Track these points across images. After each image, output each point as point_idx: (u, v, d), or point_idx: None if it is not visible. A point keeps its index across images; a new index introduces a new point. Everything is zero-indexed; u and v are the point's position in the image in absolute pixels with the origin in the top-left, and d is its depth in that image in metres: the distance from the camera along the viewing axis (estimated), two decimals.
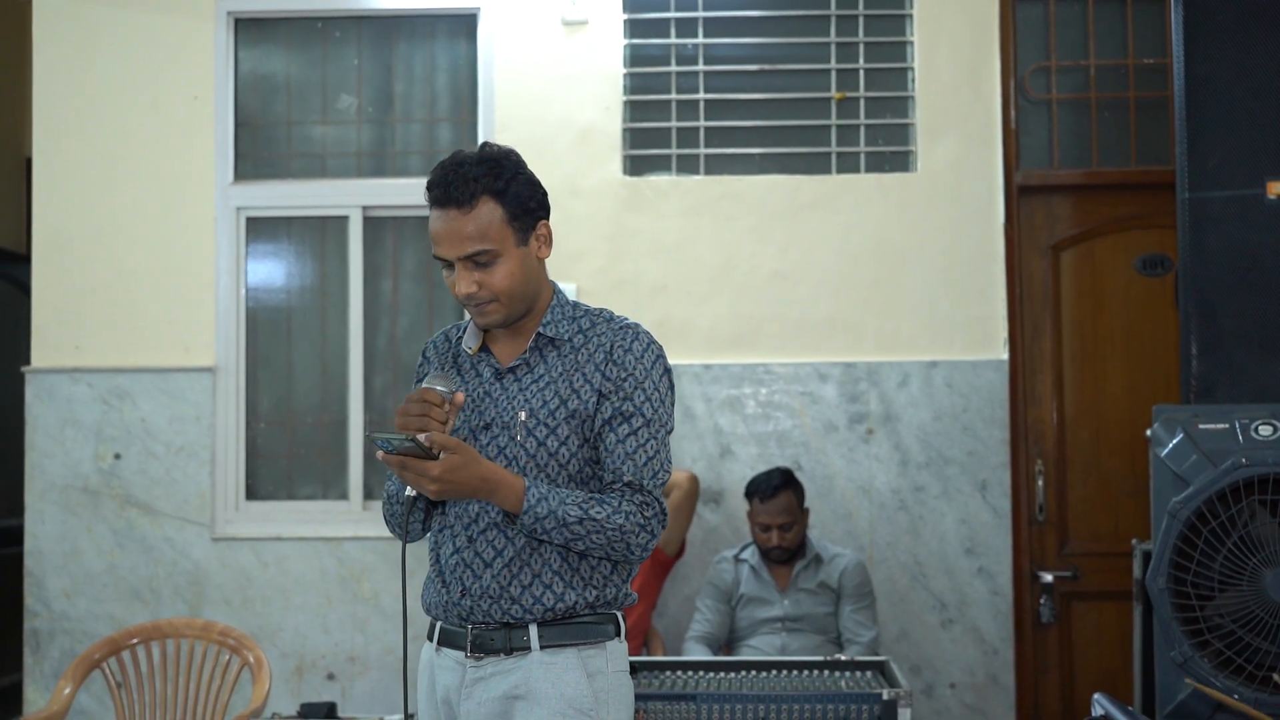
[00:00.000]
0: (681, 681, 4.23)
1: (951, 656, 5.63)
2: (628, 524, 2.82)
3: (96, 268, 5.85)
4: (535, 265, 2.94)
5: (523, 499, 2.78)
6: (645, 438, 2.88)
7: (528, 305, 2.94)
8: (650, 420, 2.89)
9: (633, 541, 2.84)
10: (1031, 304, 5.80)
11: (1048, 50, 5.84)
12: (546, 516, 2.78)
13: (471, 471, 2.74)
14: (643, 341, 2.95)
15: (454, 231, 2.84)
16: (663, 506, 2.88)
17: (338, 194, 5.93)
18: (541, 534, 2.80)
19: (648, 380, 2.91)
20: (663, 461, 2.91)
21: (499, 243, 2.85)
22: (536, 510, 2.78)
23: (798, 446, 5.70)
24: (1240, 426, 4.01)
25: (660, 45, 5.88)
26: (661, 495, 2.90)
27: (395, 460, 2.72)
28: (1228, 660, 3.91)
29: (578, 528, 2.79)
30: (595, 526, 2.80)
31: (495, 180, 2.85)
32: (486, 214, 2.84)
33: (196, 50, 5.89)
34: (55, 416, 5.79)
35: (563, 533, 2.79)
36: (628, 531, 2.82)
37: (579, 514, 2.79)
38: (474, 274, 2.86)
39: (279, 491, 5.92)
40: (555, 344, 2.95)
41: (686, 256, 5.78)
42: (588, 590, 2.89)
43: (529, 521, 2.79)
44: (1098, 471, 5.77)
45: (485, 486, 2.77)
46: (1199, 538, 3.92)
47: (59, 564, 5.76)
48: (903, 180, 5.76)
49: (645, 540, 2.85)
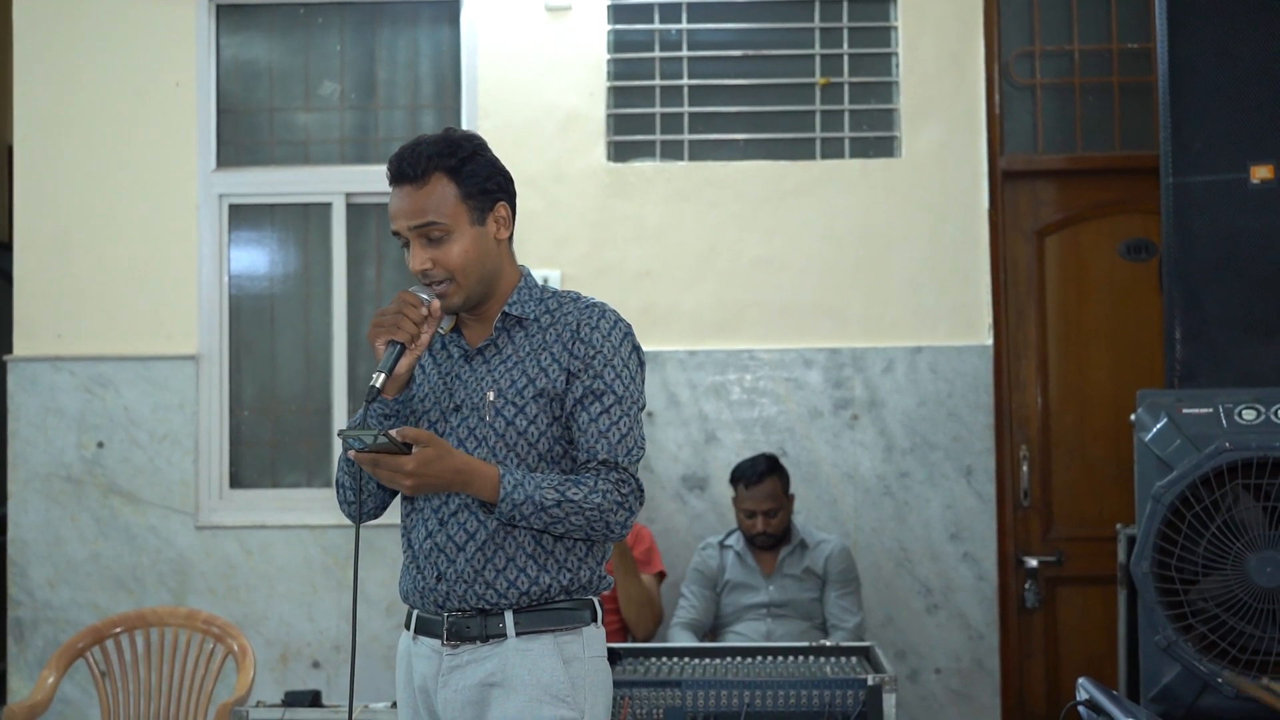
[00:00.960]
0: (666, 668, 4.23)
1: (936, 642, 5.64)
2: (605, 503, 2.82)
3: (79, 255, 5.82)
4: (492, 246, 2.95)
5: (498, 487, 2.77)
6: (618, 415, 2.88)
7: (486, 287, 2.94)
8: (622, 397, 2.89)
9: (611, 520, 2.83)
10: (1016, 289, 5.80)
11: (1032, 35, 5.84)
12: (524, 503, 2.77)
13: (445, 464, 2.73)
14: (609, 319, 2.95)
15: (405, 204, 2.89)
16: (639, 484, 2.88)
17: (321, 181, 5.91)
18: (520, 520, 2.79)
19: (616, 357, 2.92)
20: (636, 439, 2.90)
21: (451, 219, 2.87)
22: (514, 497, 2.77)
23: (783, 432, 5.70)
24: (1224, 411, 4.02)
25: (644, 31, 5.86)
26: (637, 472, 2.90)
27: (367, 458, 2.70)
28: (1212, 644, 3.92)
29: (555, 511, 2.78)
30: (573, 509, 2.79)
31: (449, 158, 2.89)
32: (439, 190, 2.88)
33: (179, 37, 5.86)
34: (38, 405, 5.77)
35: (541, 518, 2.78)
36: (606, 510, 2.82)
37: (556, 497, 2.78)
38: (427, 250, 2.88)
39: (263, 479, 5.91)
40: (522, 324, 2.95)
41: (671, 243, 5.77)
42: (562, 573, 2.88)
43: (506, 509, 2.78)
44: (1082, 456, 5.77)
45: (460, 479, 2.76)
46: (1183, 522, 3.92)
47: (42, 553, 5.74)
48: (887, 166, 5.76)
49: (624, 518, 2.85)
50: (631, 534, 5.40)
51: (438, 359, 3.00)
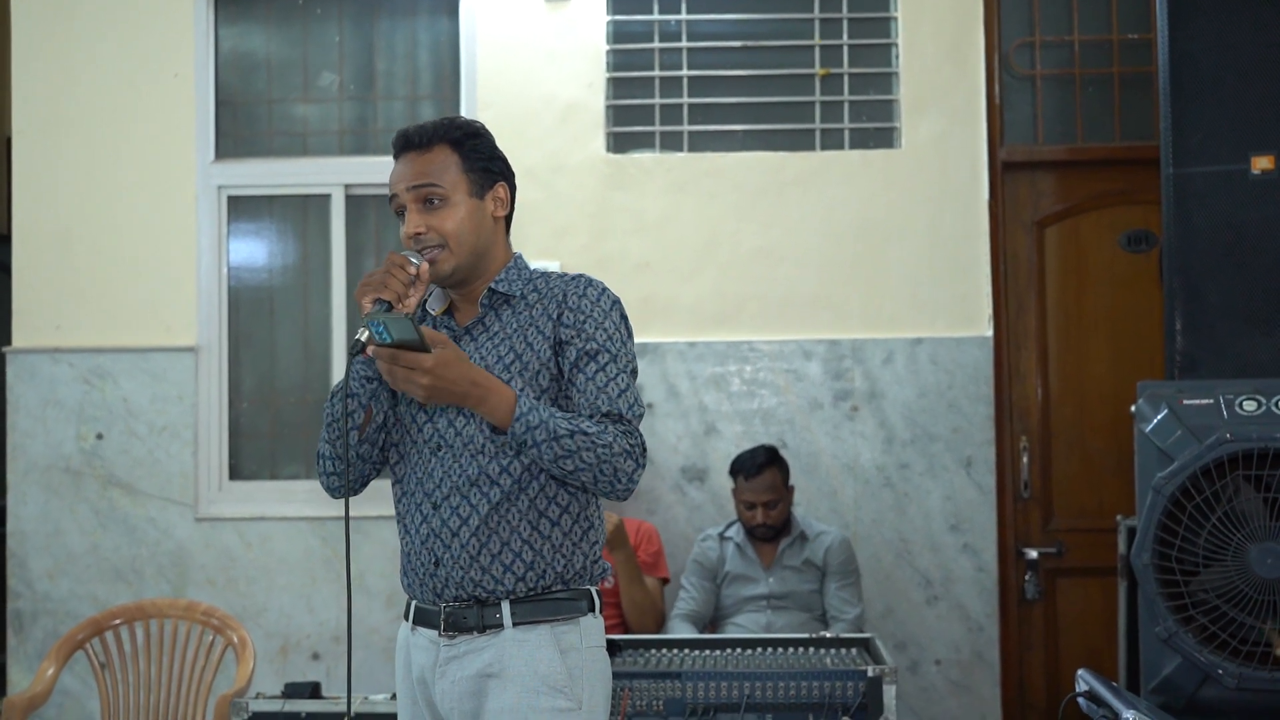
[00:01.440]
0: (666, 659, 4.23)
1: (936, 633, 5.64)
2: (616, 445, 2.77)
3: (77, 247, 5.82)
4: (488, 222, 2.97)
5: (514, 406, 2.73)
6: (614, 372, 2.86)
7: (477, 260, 2.95)
8: (616, 356, 2.88)
9: (620, 466, 2.77)
10: (1016, 280, 5.80)
11: (1032, 26, 5.83)
12: (538, 426, 2.72)
13: (463, 371, 2.69)
14: (597, 288, 2.96)
15: (407, 169, 2.93)
16: (643, 441, 2.85)
17: (320, 172, 5.90)
18: (531, 445, 2.73)
19: (607, 320, 2.92)
20: (635, 396, 2.87)
21: (450, 187, 2.91)
22: (529, 418, 2.72)
23: (782, 424, 5.69)
24: (1224, 402, 4.01)
25: (643, 21, 5.85)
26: (640, 426, 2.87)
27: (386, 353, 2.66)
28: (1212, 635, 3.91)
29: (569, 442, 2.73)
30: (587, 442, 2.74)
31: (454, 131, 2.96)
32: (442, 157, 2.93)
33: (177, 28, 5.85)
34: (37, 397, 5.77)
35: (553, 447, 2.73)
36: (616, 453, 2.76)
37: (570, 427, 2.74)
38: (423, 215, 2.91)
39: (262, 471, 5.91)
40: (510, 302, 2.96)
41: (670, 234, 5.76)
42: (556, 558, 2.87)
43: (520, 430, 2.73)
44: (1082, 448, 5.77)
45: (476, 391, 2.71)
46: (1184, 513, 3.92)
47: (41, 545, 5.74)
48: (887, 157, 5.75)
49: (631, 468, 2.79)
50: (642, 534, 5.40)
51: None
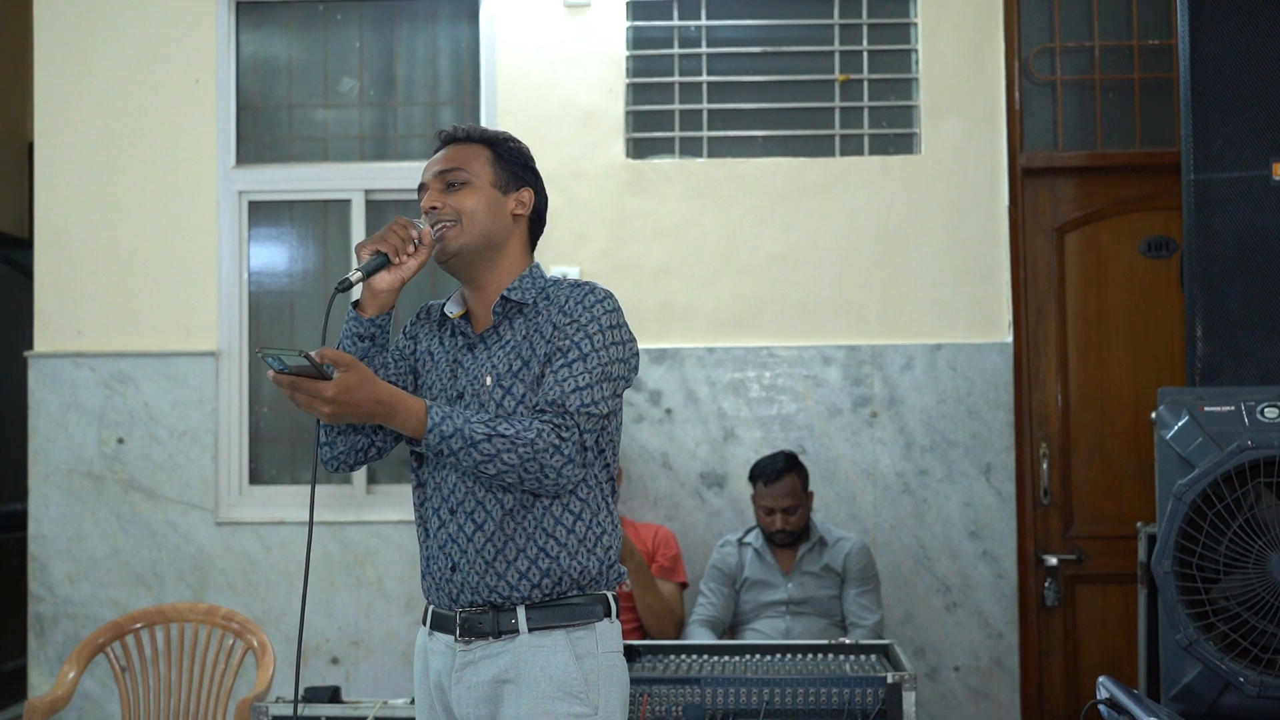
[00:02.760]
0: (685, 665, 4.23)
1: (956, 640, 5.63)
2: (540, 441, 2.75)
3: (99, 252, 5.84)
4: (505, 217, 3.01)
5: (425, 419, 2.73)
6: (578, 370, 2.85)
7: (486, 247, 2.97)
8: (586, 355, 2.86)
9: (546, 462, 2.75)
10: (1036, 286, 5.79)
11: (1052, 31, 5.82)
12: (453, 435, 2.73)
13: (366, 392, 2.68)
14: (596, 295, 2.95)
15: (439, 157, 3.02)
16: (583, 436, 2.81)
17: (340, 177, 5.92)
18: (449, 454, 2.74)
19: (592, 324, 2.90)
20: (593, 395, 2.84)
21: (475, 174, 2.98)
22: (442, 428, 2.73)
23: (802, 430, 5.69)
24: (1246, 409, 4.00)
25: (663, 27, 5.86)
26: (585, 424, 2.82)
27: (286, 380, 2.65)
28: (1233, 643, 3.90)
29: (486, 446, 2.73)
30: (505, 444, 2.73)
31: (491, 134, 3.06)
32: (473, 150, 3.02)
33: (198, 33, 5.87)
34: (58, 401, 5.79)
35: (471, 453, 2.73)
36: (540, 450, 2.75)
37: (487, 431, 2.74)
38: (442, 194, 2.97)
39: (282, 475, 5.92)
40: (521, 310, 2.97)
41: (690, 239, 5.76)
42: (572, 564, 2.88)
43: (434, 441, 2.73)
44: (1102, 454, 5.76)
45: (381, 409, 2.71)
46: (1204, 520, 3.91)
47: (63, 549, 5.76)
48: (906, 162, 5.75)
49: (559, 464, 2.77)
50: (660, 539, 5.40)
51: (446, 346, 3.03)
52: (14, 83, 7.66)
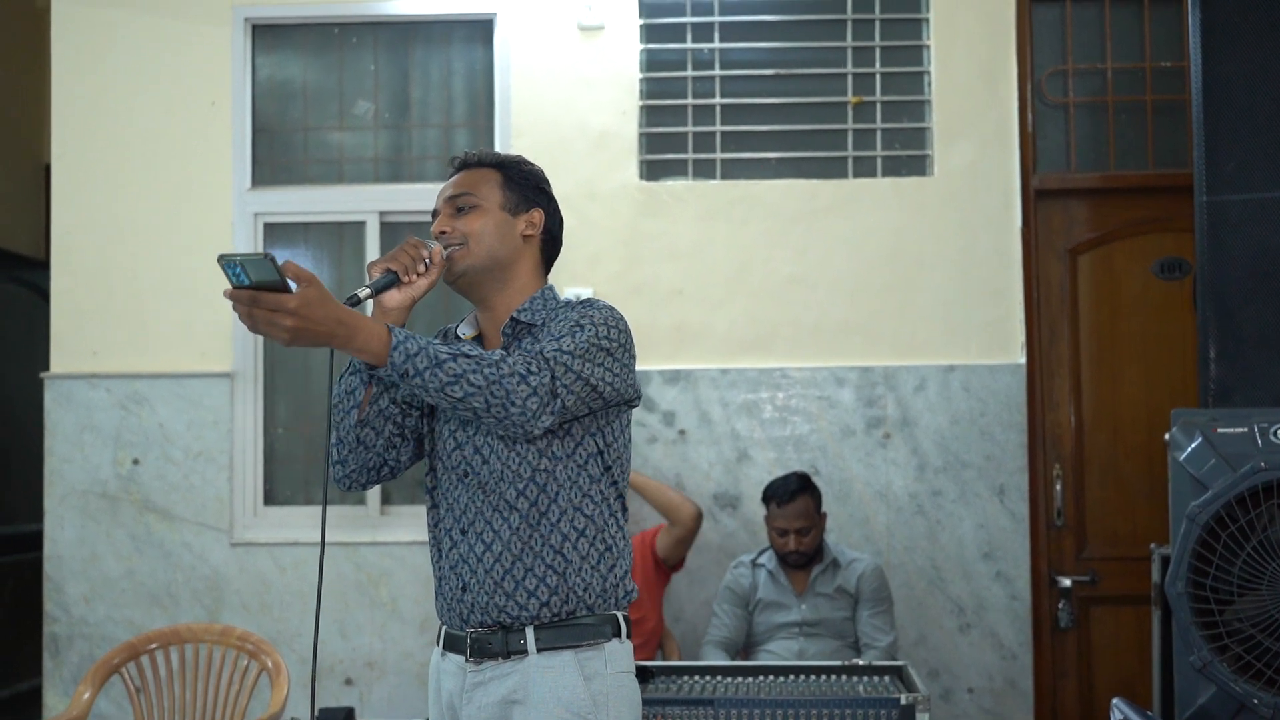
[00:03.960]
0: (699, 686, 4.23)
1: (969, 661, 5.63)
2: (505, 366, 2.69)
3: (114, 273, 5.87)
4: (514, 238, 3.02)
5: (388, 339, 2.64)
6: (567, 341, 2.81)
7: (494, 268, 2.98)
8: (574, 331, 2.83)
9: (512, 389, 2.68)
10: (1049, 308, 5.79)
11: (1064, 53, 5.84)
12: (418, 354, 2.64)
13: (329, 310, 2.56)
14: (597, 304, 2.94)
15: (450, 183, 3.05)
16: (556, 387, 2.74)
17: (355, 199, 5.94)
18: (415, 375, 2.64)
19: (585, 318, 2.87)
20: (576, 359, 2.79)
21: (484, 197, 3.00)
22: (406, 346, 2.64)
23: (815, 451, 5.70)
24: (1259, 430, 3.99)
25: (676, 50, 5.88)
26: (562, 376, 2.75)
27: (246, 296, 2.50)
28: (1247, 665, 3.89)
29: (452, 365, 2.65)
30: (471, 364, 2.67)
31: (503, 158, 3.09)
32: (484, 174, 3.05)
33: (214, 56, 5.91)
34: (74, 422, 5.81)
35: (436, 374, 2.65)
36: (505, 376, 2.68)
37: (451, 351, 2.67)
38: (451, 219, 2.99)
39: (296, 496, 5.93)
40: (531, 330, 2.97)
41: (703, 261, 5.78)
42: (579, 583, 2.88)
43: (399, 360, 2.64)
44: (1116, 475, 5.75)
45: (343, 330, 2.59)
46: (1218, 542, 3.90)
47: (78, 569, 5.78)
48: (919, 184, 5.76)
49: (524, 393, 2.69)
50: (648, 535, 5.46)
51: None
52: (31, 105, 7.71)
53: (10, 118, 7.71)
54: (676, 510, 5.44)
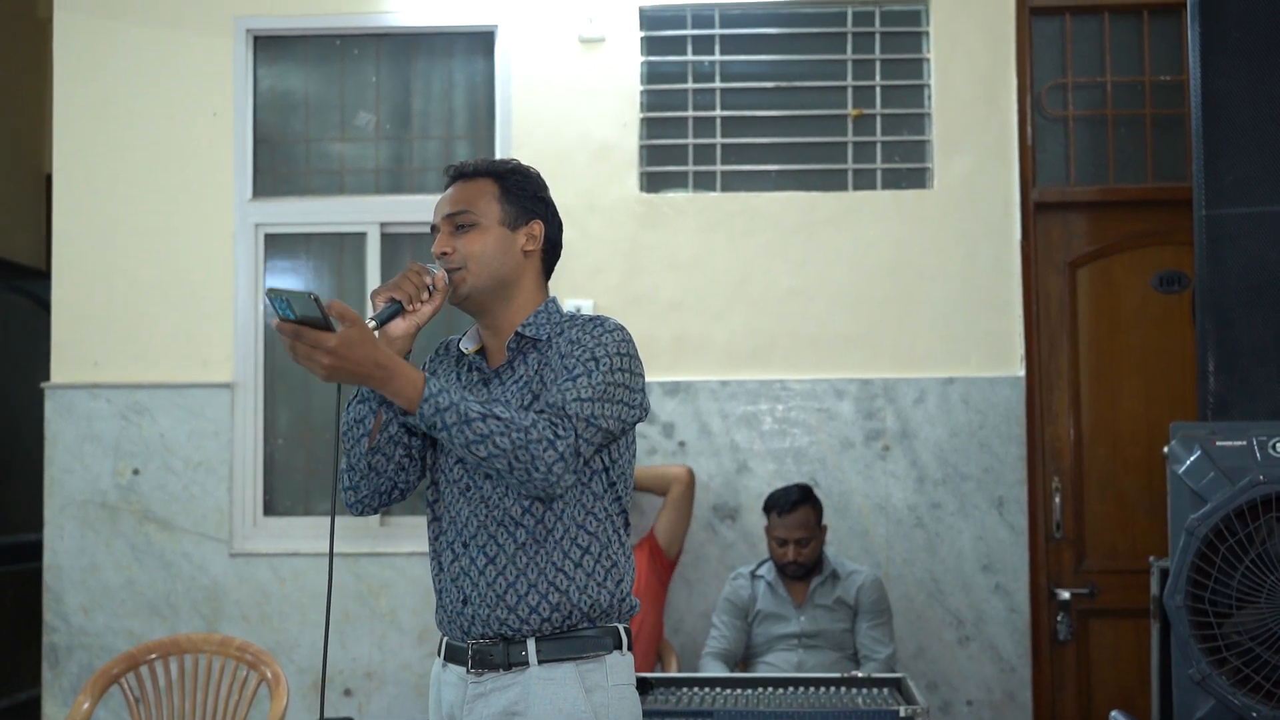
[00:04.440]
0: (698, 698, 4.23)
1: (968, 673, 5.63)
2: (534, 431, 2.72)
3: (116, 284, 5.87)
4: (515, 255, 3.00)
5: (422, 388, 2.69)
6: (582, 383, 2.82)
7: (497, 288, 2.97)
8: (590, 371, 2.84)
9: (537, 454, 2.71)
10: (1048, 321, 5.80)
11: (1064, 67, 5.85)
12: (448, 409, 2.68)
13: (367, 352, 2.62)
14: (607, 326, 2.94)
15: (448, 198, 3.01)
16: (580, 446, 2.78)
17: (356, 211, 5.95)
18: (442, 429, 2.69)
19: (599, 348, 2.88)
20: (597, 409, 2.81)
21: (482, 214, 2.97)
22: (437, 400, 2.68)
23: (814, 463, 5.70)
24: (1258, 444, 3.99)
25: (677, 62, 5.90)
26: (585, 433, 2.78)
27: (289, 329, 2.58)
28: (1246, 678, 3.89)
29: (480, 425, 2.69)
30: (499, 426, 2.69)
31: (499, 167, 3.04)
32: (481, 187, 3.00)
33: (216, 67, 5.92)
34: (74, 432, 5.81)
35: (464, 430, 2.69)
36: (533, 440, 2.71)
37: (482, 410, 2.70)
38: (452, 238, 2.96)
39: (296, 507, 5.94)
40: (536, 345, 2.97)
41: (703, 273, 5.79)
42: (583, 598, 2.88)
43: (429, 412, 2.68)
44: (1115, 488, 5.76)
45: (380, 373, 2.65)
46: (1217, 555, 3.91)
47: (78, 579, 5.78)
48: (919, 197, 5.77)
49: (552, 459, 2.72)
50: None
51: (463, 382, 3.03)
52: (33, 115, 7.72)
53: (12, 127, 7.72)
54: (665, 477, 5.50)
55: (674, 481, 5.49)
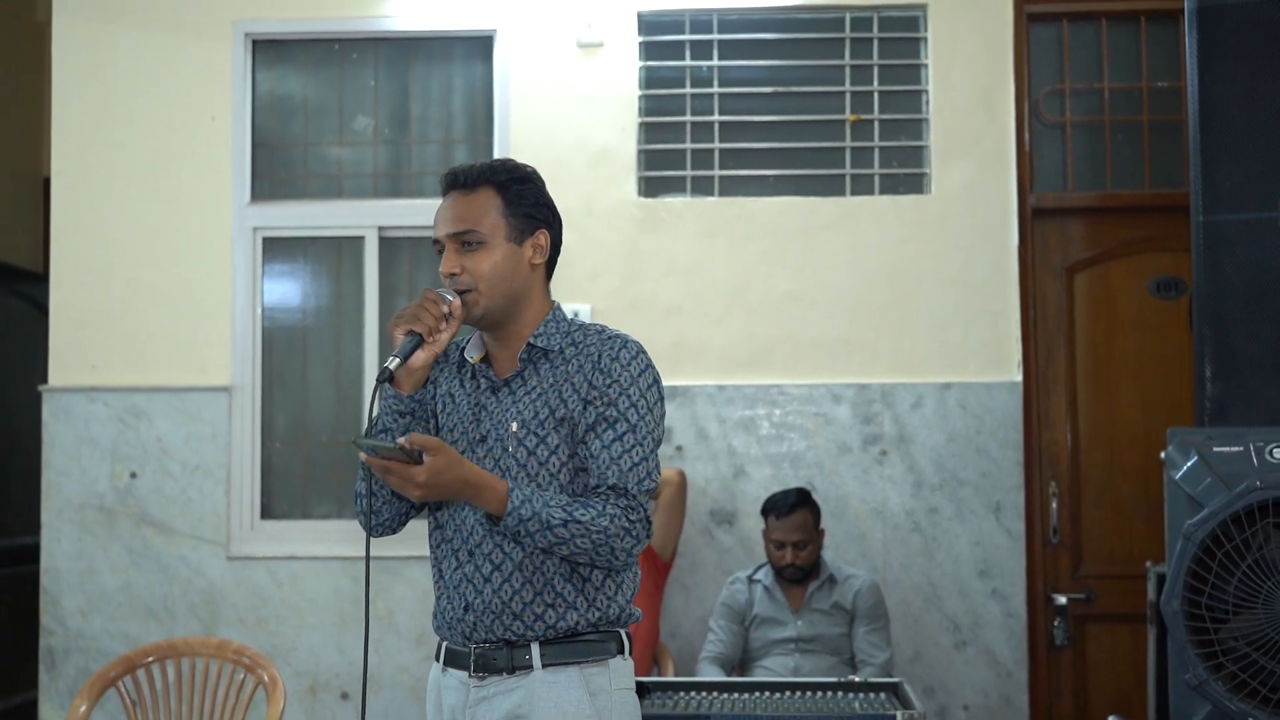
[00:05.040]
0: (695, 702, 4.23)
1: (965, 678, 5.63)
2: (612, 527, 2.80)
3: (114, 287, 5.88)
4: (524, 268, 2.97)
5: (506, 500, 2.77)
6: (630, 444, 2.87)
7: (509, 305, 2.95)
8: (636, 426, 2.88)
9: (617, 546, 2.81)
10: (1045, 326, 5.80)
11: (1062, 73, 5.86)
12: (531, 519, 2.76)
13: (454, 474, 2.72)
14: (630, 350, 2.94)
15: (449, 212, 2.96)
16: (647, 513, 2.87)
17: (354, 215, 5.96)
18: (525, 536, 2.78)
19: (634, 388, 2.90)
20: (649, 469, 2.89)
21: (489, 231, 2.92)
22: (520, 512, 2.76)
23: (811, 468, 5.70)
24: (1254, 449, 4.00)
25: (675, 67, 5.90)
26: (646, 501, 2.89)
27: (379, 465, 2.70)
28: (1242, 684, 3.90)
29: (562, 530, 2.77)
30: (580, 530, 2.78)
31: (500, 174, 2.97)
32: (483, 200, 2.95)
33: (214, 71, 5.92)
34: (72, 435, 5.81)
35: (546, 536, 2.77)
36: (612, 535, 2.80)
37: (563, 516, 2.77)
38: (459, 256, 2.92)
39: (294, 510, 5.94)
40: (547, 355, 2.96)
41: (701, 278, 5.79)
42: (591, 610, 2.89)
43: (512, 524, 2.77)
44: (1112, 494, 5.76)
45: (468, 490, 2.75)
46: (1213, 560, 3.91)
47: (75, 582, 5.78)
48: (917, 202, 5.78)
49: (630, 545, 2.83)
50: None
51: (467, 389, 3.02)
52: (31, 119, 7.72)
53: (10, 130, 7.72)
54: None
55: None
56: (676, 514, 5.51)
